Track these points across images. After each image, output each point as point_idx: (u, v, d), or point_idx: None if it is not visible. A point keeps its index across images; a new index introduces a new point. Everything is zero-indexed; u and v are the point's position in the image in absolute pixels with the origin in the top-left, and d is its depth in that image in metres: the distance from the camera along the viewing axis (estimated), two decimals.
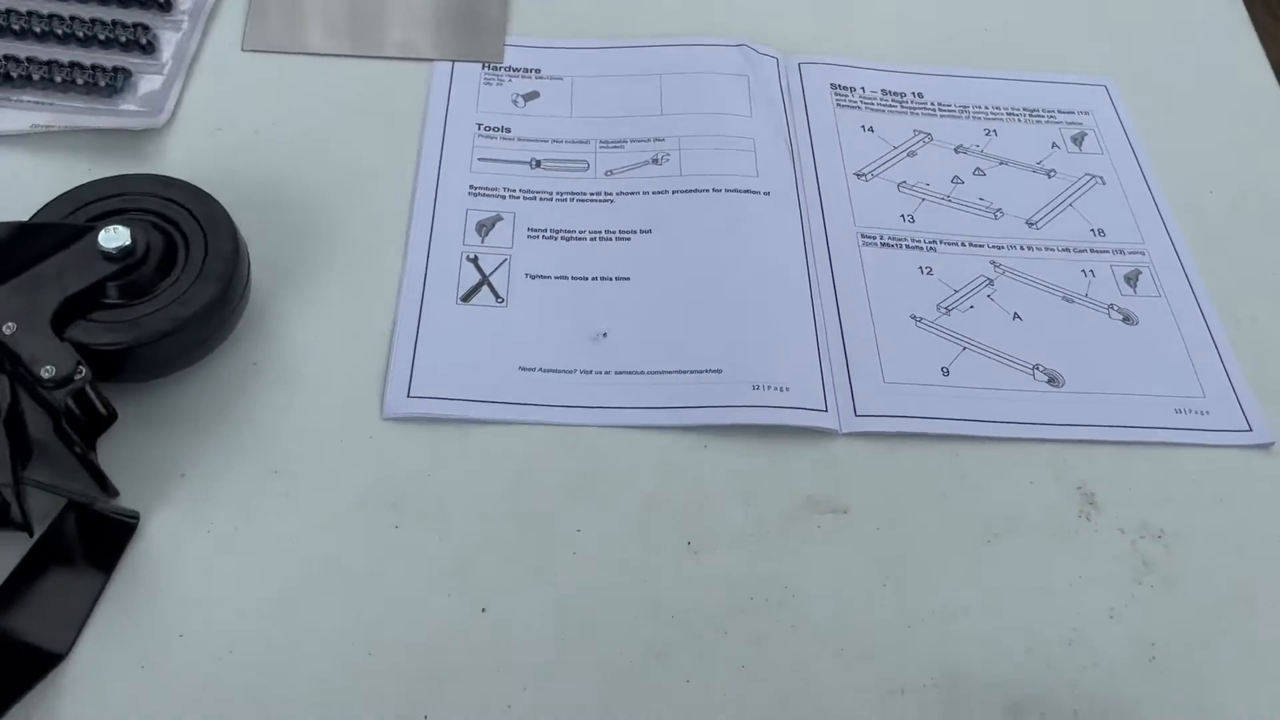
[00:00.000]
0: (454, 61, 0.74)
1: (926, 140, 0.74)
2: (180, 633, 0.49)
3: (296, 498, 0.54)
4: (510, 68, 0.74)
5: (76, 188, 0.57)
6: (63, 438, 0.49)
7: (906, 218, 0.69)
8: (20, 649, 0.46)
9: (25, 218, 0.56)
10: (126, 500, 0.52)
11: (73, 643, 0.47)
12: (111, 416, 0.53)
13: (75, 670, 0.47)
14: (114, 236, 0.53)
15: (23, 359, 0.50)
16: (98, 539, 0.50)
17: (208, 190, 0.58)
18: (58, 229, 0.54)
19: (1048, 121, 0.76)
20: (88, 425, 0.52)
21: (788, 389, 0.59)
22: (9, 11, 0.69)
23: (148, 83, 0.69)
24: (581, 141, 0.71)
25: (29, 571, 0.49)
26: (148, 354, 0.53)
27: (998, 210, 0.70)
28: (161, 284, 0.55)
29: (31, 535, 0.49)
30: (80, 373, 0.50)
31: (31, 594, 0.48)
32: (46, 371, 0.50)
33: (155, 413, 0.55)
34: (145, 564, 0.51)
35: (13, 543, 0.49)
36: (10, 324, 0.51)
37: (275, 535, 0.53)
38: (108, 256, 0.54)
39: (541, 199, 0.67)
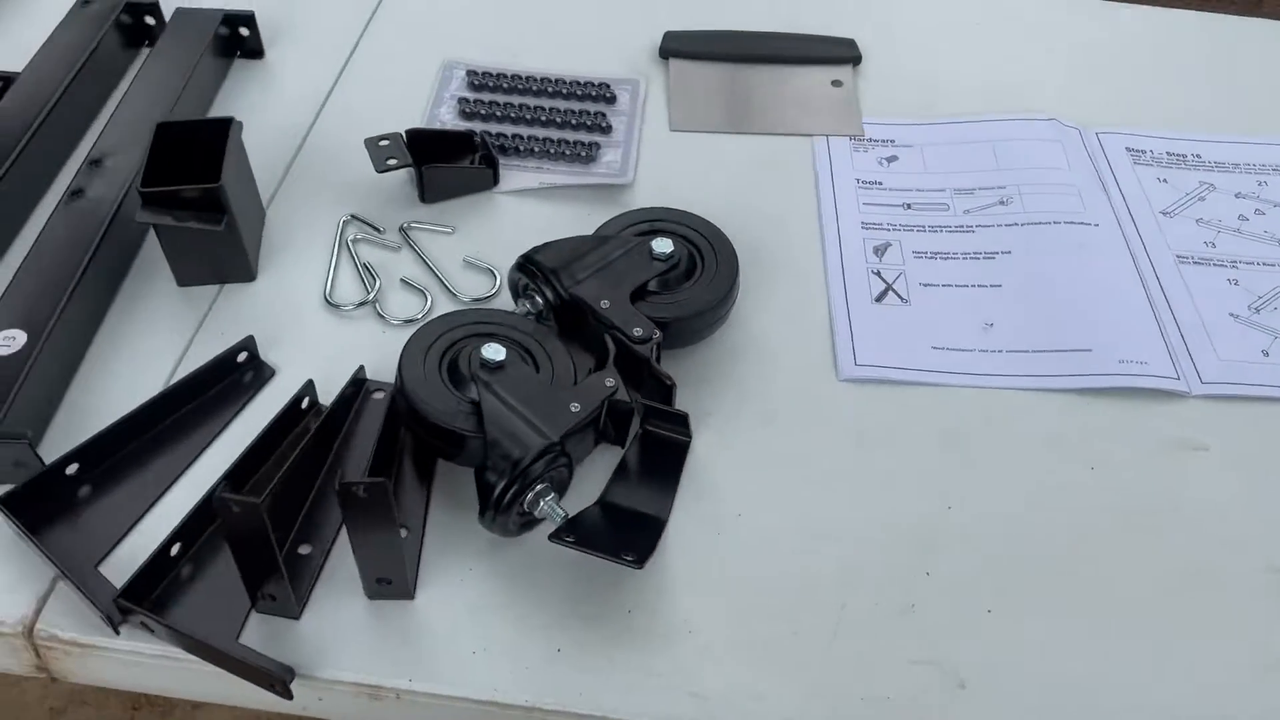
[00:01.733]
0: (828, 136, 0.96)
1: (1210, 189, 0.93)
2: (738, 513, 0.68)
3: (786, 430, 0.73)
4: (870, 139, 0.96)
5: (625, 212, 0.80)
6: (654, 376, 0.70)
7: (1208, 244, 0.87)
8: (645, 518, 0.66)
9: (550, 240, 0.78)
10: None
11: (670, 511, 0.67)
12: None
13: (675, 532, 0.67)
14: (663, 245, 0.75)
15: (617, 324, 0.72)
16: (672, 450, 0.70)
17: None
18: (625, 240, 0.76)
19: None
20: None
21: (1145, 363, 0.77)
22: (520, 106, 0.95)
23: (610, 153, 0.93)
24: (939, 190, 0.91)
25: (631, 468, 0.69)
26: (686, 327, 0.74)
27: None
28: (685, 283, 0.76)
29: (622, 447, 0.69)
30: (655, 333, 0.71)
31: (636, 484, 0.68)
32: (636, 332, 0.71)
33: (684, 372, 0.75)
34: (700, 469, 0.71)
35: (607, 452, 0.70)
36: (605, 301, 0.73)
37: (777, 453, 0.72)
38: (657, 258, 0.75)
39: (917, 230, 0.88)
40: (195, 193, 0.75)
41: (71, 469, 0.66)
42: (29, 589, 0.63)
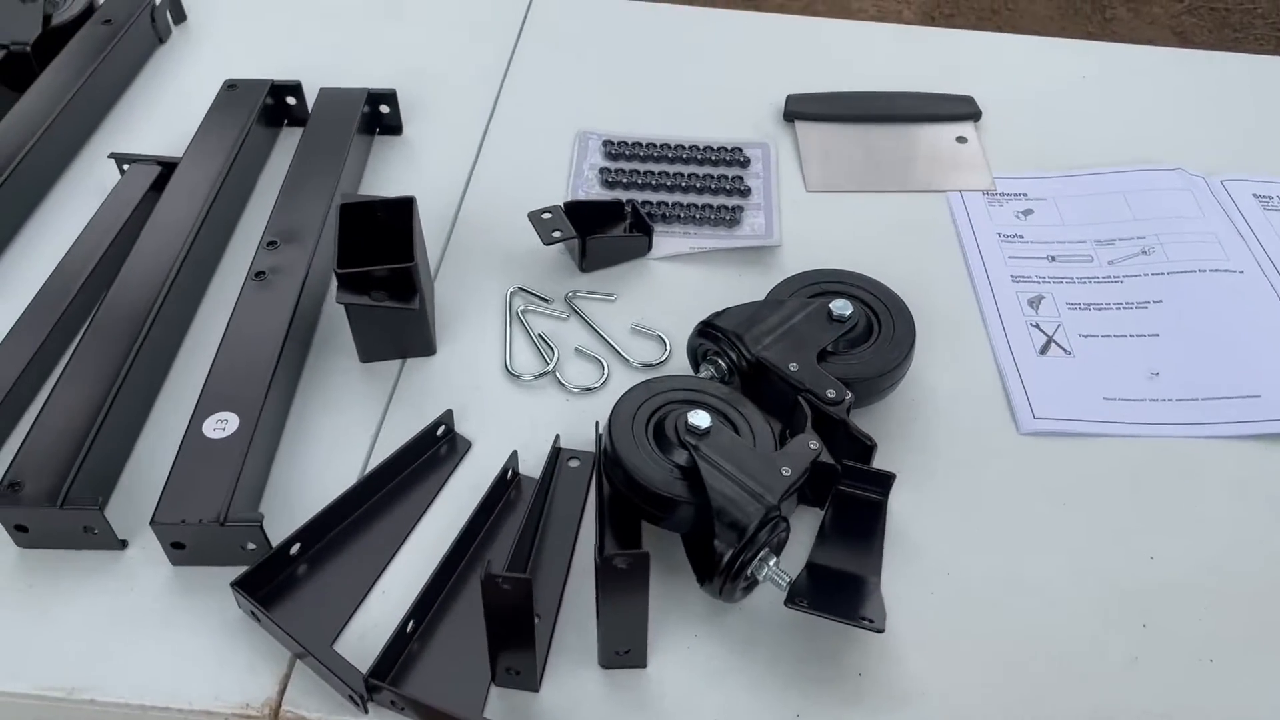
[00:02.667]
0: (961, 192, 0.98)
1: None
2: (947, 571, 0.69)
3: (976, 485, 0.75)
4: (1002, 193, 0.98)
5: (794, 275, 0.82)
6: (853, 436, 0.71)
7: None
8: (856, 579, 0.67)
9: (710, 307, 0.80)
10: None
11: (880, 571, 0.68)
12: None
13: (888, 592, 0.68)
14: (842, 306, 0.77)
15: (809, 387, 0.73)
16: (870, 509, 0.71)
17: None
18: (802, 303, 0.78)
19: None
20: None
21: None
22: (660, 173, 0.97)
23: (752, 215, 0.95)
24: (1079, 241, 0.93)
25: (830, 528, 0.70)
26: (871, 386, 0.76)
27: None
28: (864, 343, 0.78)
29: (820, 507, 0.71)
30: (848, 395, 0.73)
31: (839, 544, 0.69)
32: (829, 394, 0.73)
33: (866, 430, 0.77)
34: (898, 526, 0.72)
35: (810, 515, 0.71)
36: (793, 364, 0.74)
37: (972, 509, 0.73)
38: (836, 320, 0.77)
39: (1066, 282, 0.89)
40: (386, 272, 0.77)
41: (294, 549, 0.67)
42: (268, 670, 0.64)
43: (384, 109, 1.00)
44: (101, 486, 0.71)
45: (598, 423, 0.77)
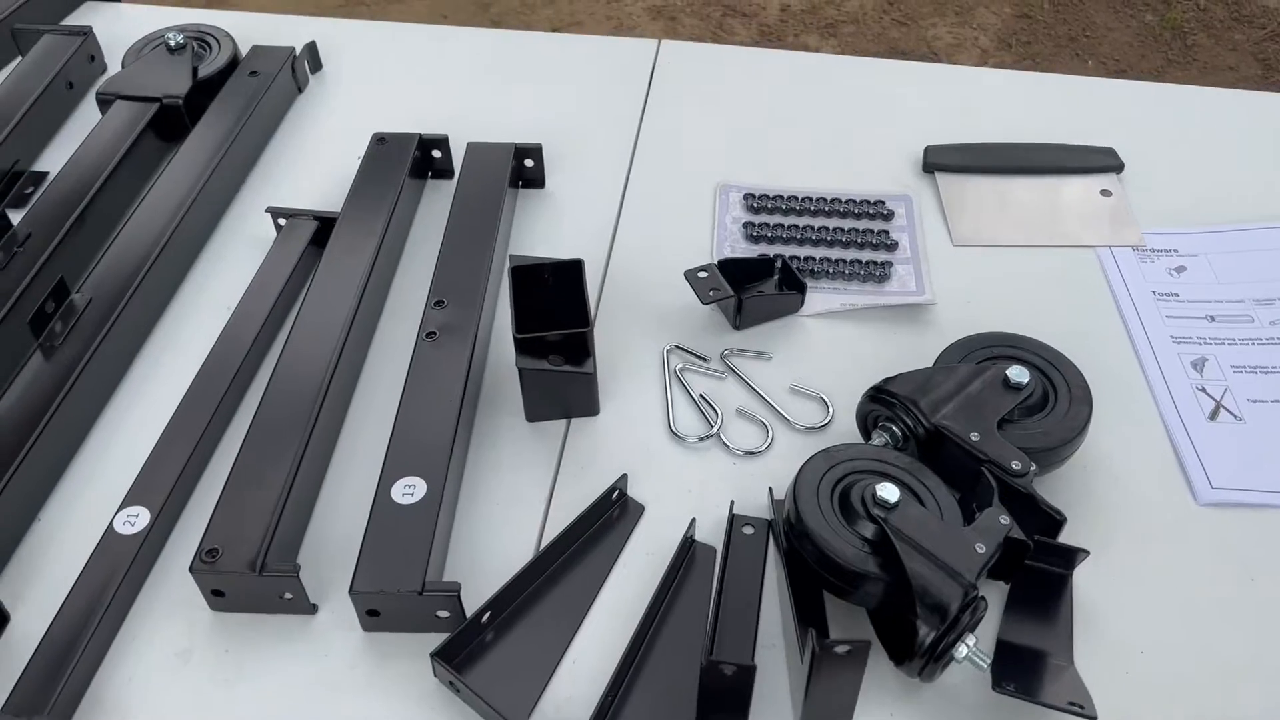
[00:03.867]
0: (1110, 247, 0.97)
1: None
2: (1140, 649, 0.68)
3: (1159, 558, 0.74)
4: (1152, 249, 0.97)
5: (961, 340, 0.81)
6: (1042, 510, 0.71)
7: None
8: (1047, 658, 0.66)
9: (865, 365, 0.80)
10: None
11: (1072, 650, 0.67)
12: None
13: (1083, 671, 0.67)
14: (1019, 374, 0.76)
15: (992, 457, 0.72)
16: (1055, 584, 0.70)
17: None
18: (976, 369, 0.77)
19: None
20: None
21: None
22: (804, 227, 0.97)
23: (901, 270, 0.94)
24: (1238, 301, 0.92)
25: (1016, 604, 0.69)
26: (1053, 455, 0.75)
27: None
28: (1040, 410, 0.77)
29: (1007, 582, 0.70)
30: (1032, 466, 0.72)
31: (1025, 620, 0.69)
32: (1014, 466, 0.72)
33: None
34: (1082, 600, 0.71)
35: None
36: (974, 433, 0.74)
37: (1158, 583, 0.72)
38: (1013, 387, 0.76)
39: (1229, 344, 0.88)
40: (559, 337, 0.77)
41: (485, 617, 0.68)
42: None
43: (528, 163, 1.01)
44: (289, 552, 0.72)
45: (770, 489, 0.77)
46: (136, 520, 0.71)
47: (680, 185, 1.04)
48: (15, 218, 0.92)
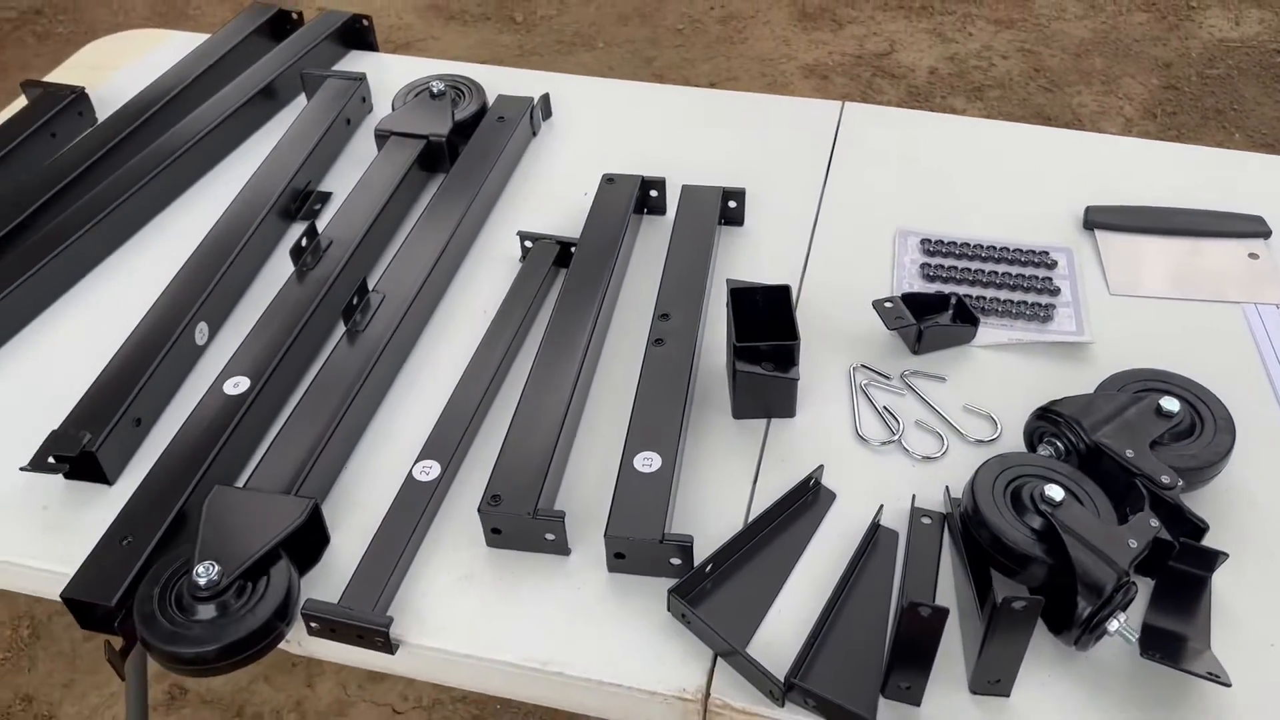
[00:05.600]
0: (1257, 305, 1.08)
1: None
2: (1270, 643, 0.79)
3: None
4: None
5: (1119, 373, 0.94)
6: (1187, 519, 0.82)
7: None
8: (1186, 641, 0.78)
9: (1029, 392, 0.92)
10: None
11: (1209, 636, 0.78)
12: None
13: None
14: (1170, 403, 0.89)
15: (1145, 471, 0.85)
16: (1195, 584, 0.82)
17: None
18: (1132, 397, 0.90)
19: None
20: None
21: None
22: (976, 270, 1.11)
23: (1063, 313, 1.07)
24: None
25: (1161, 597, 0.81)
26: (1197, 476, 0.87)
27: None
28: (1188, 436, 0.89)
29: (1152, 578, 0.82)
30: (1179, 481, 0.84)
31: (1169, 611, 0.80)
32: (1164, 479, 0.84)
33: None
34: (1219, 599, 0.82)
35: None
36: (1129, 450, 0.86)
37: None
38: (1165, 415, 0.88)
39: None
40: (771, 347, 0.93)
41: (709, 567, 0.83)
42: (696, 665, 0.79)
43: (731, 204, 1.18)
44: (551, 504, 0.88)
45: (947, 487, 0.90)
46: (430, 471, 0.89)
47: (861, 228, 1.18)
48: (298, 229, 1.13)
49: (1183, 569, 0.83)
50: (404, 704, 1.74)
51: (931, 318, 1.05)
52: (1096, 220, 1.17)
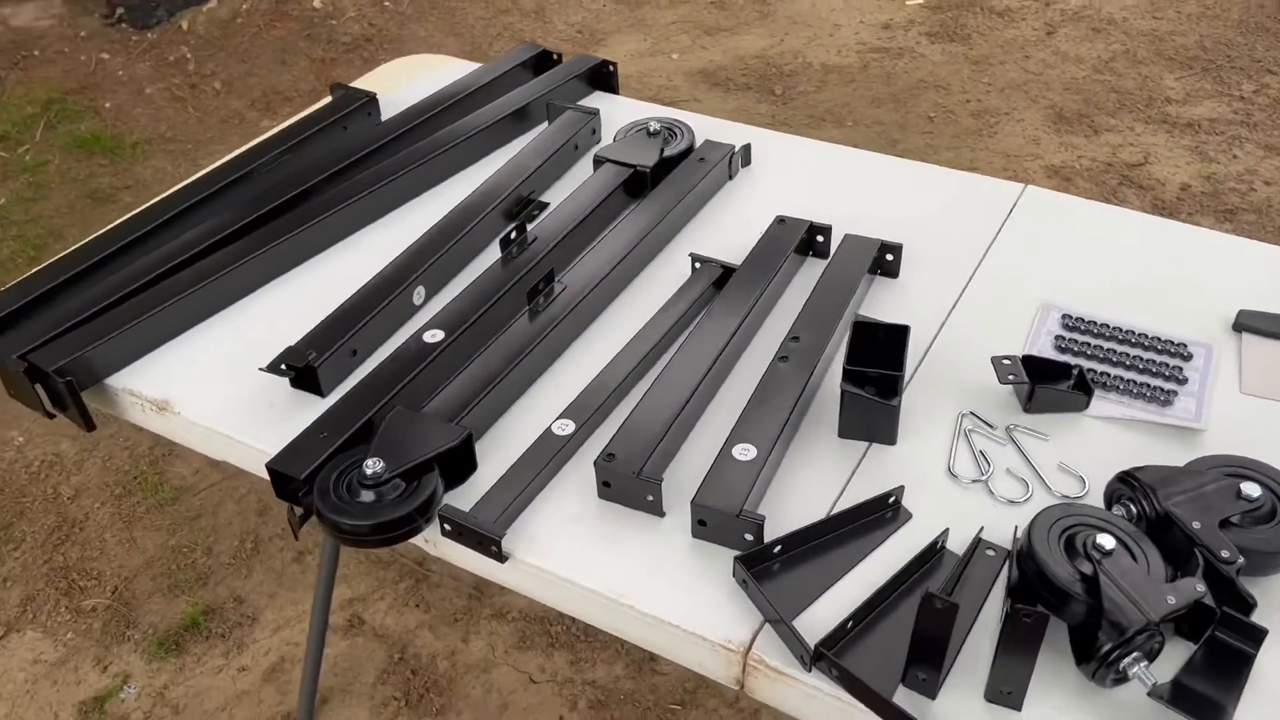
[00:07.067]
0: None
1: None
2: None
3: None
4: None
5: (1215, 455, 0.98)
6: (1238, 594, 0.86)
7: None
8: (1213, 702, 0.81)
9: (1129, 464, 0.96)
10: None
11: (1237, 703, 0.81)
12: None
13: None
14: (1252, 488, 0.92)
15: (1206, 544, 0.89)
16: (1236, 657, 0.85)
17: None
18: (1215, 476, 0.94)
19: None
20: None
21: None
22: (1109, 349, 1.17)
23: (1184, 401, 1.11)
24: None
25: (1199, 660, 0.84)
26: (1266, 561, 0.90)
27: None
28: (1267, 523, 0.92)
29: (1196, 643, 0.85)
30: (1240, 559, 0.87)
31: (1203, 674, 0.83)
32: (1224, 554, 0.88)
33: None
34: (1260, 675, 0.84)
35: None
36: (1196, 522, 0.90)
37: None
38: (1244, 498, 0.92)
39: None
40: (878, 375, 1.04)
41: (777, 548, 0.94)
42: (745, 625, 0.91)
43: (889, 256, 1.29)
44: (656, 472, 1.03)
45: (1016, 527, 0.97)
46: (566, 428, 1.06)
47: (1010, 299, 1.26)
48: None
49: (1225, 639, 0.86)
50: (540, 675, 1.91)
51: (1049, 383, 1.11)
52: (1246, 323, 1.19)
